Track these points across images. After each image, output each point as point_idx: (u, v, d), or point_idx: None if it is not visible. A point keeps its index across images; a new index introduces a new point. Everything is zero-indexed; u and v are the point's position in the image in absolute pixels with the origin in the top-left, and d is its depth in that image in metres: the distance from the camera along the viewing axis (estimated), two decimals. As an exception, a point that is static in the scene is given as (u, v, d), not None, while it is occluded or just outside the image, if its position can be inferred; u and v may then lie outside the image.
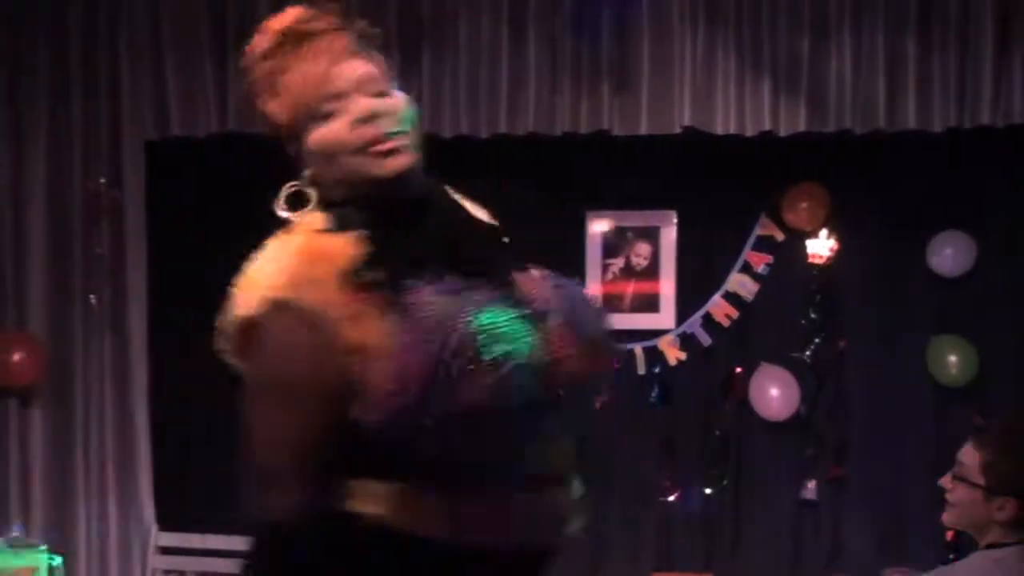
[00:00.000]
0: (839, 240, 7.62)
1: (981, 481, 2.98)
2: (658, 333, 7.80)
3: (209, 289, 8.90)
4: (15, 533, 6.60)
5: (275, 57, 2.40)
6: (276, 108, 2.45)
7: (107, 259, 6.84)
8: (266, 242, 2.60)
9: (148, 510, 6.85)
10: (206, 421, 8.08)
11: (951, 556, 4.31)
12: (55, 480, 6.82)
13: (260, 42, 2.44)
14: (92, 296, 6.82)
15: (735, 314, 7.78)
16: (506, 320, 2.12)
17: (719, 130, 6.49)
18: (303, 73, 2.36)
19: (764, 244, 7.79)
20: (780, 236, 7.76)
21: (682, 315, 7.80)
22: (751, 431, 7.83)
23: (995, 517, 2.96)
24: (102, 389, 6.87)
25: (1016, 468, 2.96)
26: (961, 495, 3.03)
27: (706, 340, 7.78)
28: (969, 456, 3.01)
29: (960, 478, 3.01)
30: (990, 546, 2.97)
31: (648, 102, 6.51)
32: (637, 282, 7.77)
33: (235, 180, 7.91)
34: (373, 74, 2.38)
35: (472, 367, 2.05)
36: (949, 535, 6.68)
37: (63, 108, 6.84)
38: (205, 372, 8.37)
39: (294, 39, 2.37)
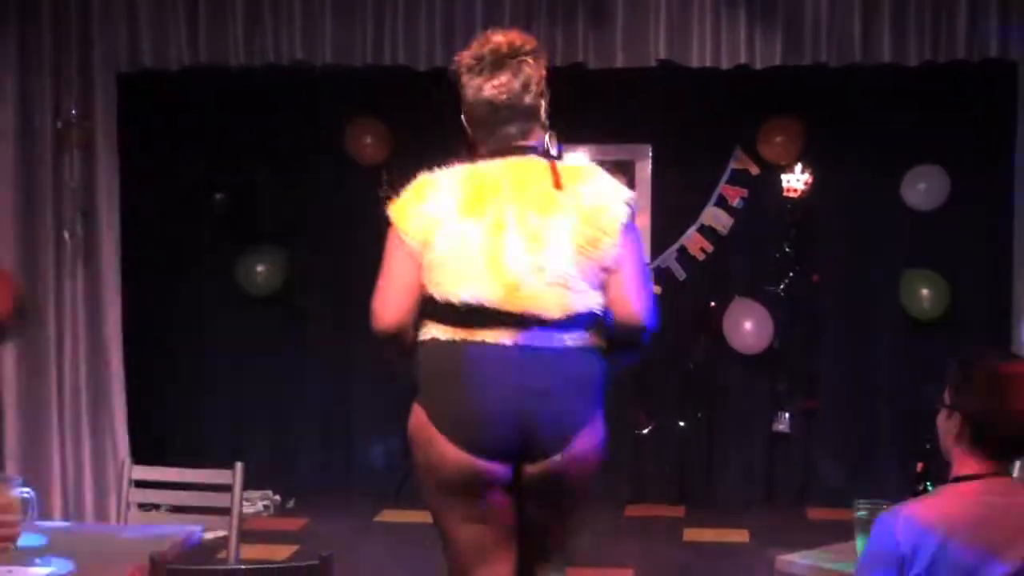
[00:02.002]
0: (814, 174, 7.63)
1: (947, 401, 3.02)
2: (633, 267, 7.81)
3: (181, 221, 8.90)
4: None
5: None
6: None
7: (78, 192, 6.80)
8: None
9: (122, 443, 6.86)
10: (179, 354, 8.09)
11: (920, 487, 4.33)
12: (29, 414, 6.81)
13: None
14: (65, 231, 6.78)
15: (710, 248, 7.80)
16: None
17: (695, 63, 6.45)
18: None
19: (739, 178, 7.80)
20: (755, 170, 7.77)
21: (657, 249, 7.82)
22: (725, 364, 7.87)
23: (950, 432, 2.99)
24: (75, 323, 6.84)
25: (968, 383, 2.99)
26: (938, 419, 3.07)
27: (681, 274, 7.80)
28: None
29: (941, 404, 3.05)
30: (957, 479, 2.99)
31: (623, 35, 6.46)
32: (612, 216, 7.77)
33: (206, 112, 7.88)
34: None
35: None
36: (919, 467, 6.73)
37: (33, 40, 6.75)
38: (178, 305, 8.41)
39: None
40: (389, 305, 3.65)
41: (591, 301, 3.51)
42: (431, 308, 3.54)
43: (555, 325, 3.46)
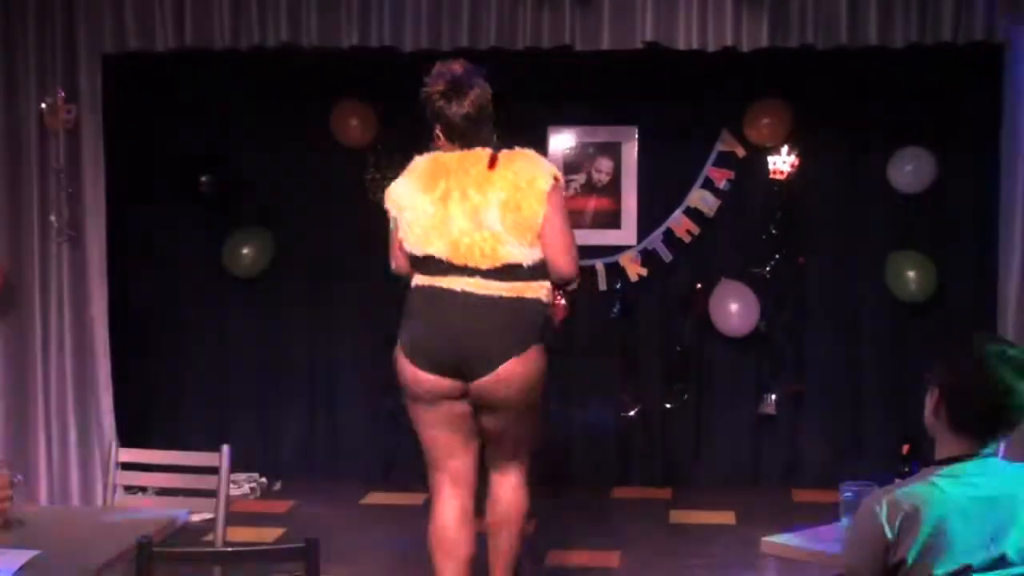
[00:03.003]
0: (800, 156, 7.63)
1: (931, 379, 3.03)
2: (619, 249, 7.82)
3: (167, 203, 8.87)
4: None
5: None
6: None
7: (64, 175, 6.78)
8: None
9: (108, 426, 6.85)
10: (165, 336, 8.08)
11: (905, 469, 4.36)
12: (15, 397, 6.80)
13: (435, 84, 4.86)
14: (51, 214, 6.76)
15: (696, 230, 7.80)
16: None
17: (681, 45, 6.44)
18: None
19: (725, 160, 7.79)
20: (741, 152, 7.76)
21: (643, 231, 7.82)
22: (711, 346, 7.88)
23: (931, 409, 3.00)
24: (61, 306, 6.83)
25: (947, 363, 3.01)
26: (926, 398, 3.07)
27: (667, 256, 7.80)
28: None
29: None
30: (940, 462, 3.00)
31: (610, 16, 6.46)
32: (598, 198, 7.77)
33: (191, 94, 7.85)
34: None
35: None
36: (904, 448, 6.75)
37: (17, 22, 6.73)
38: (164, 287, 8.40)
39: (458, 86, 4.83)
40: (393, 259, 4.94)
41: (520, 255, 4.70)
42: (412, 261, 4.83)
43: (490, 274, 4.69)
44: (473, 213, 4.69)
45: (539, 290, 4.75)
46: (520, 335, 4.72)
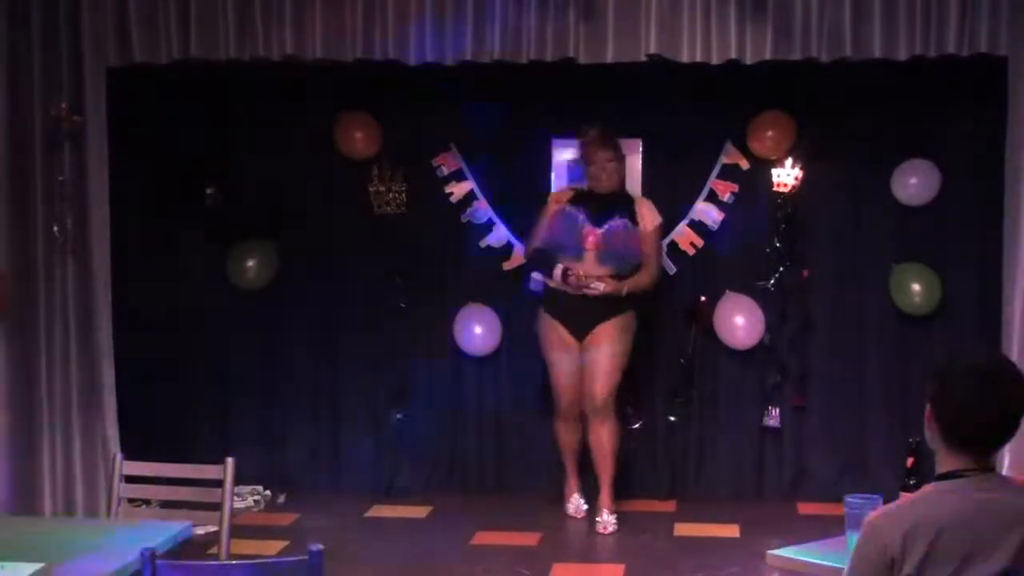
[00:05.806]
0: (804, 169, 7.63)
1: (928, 396, 3.03)
2: (623, 262, 7.80)
3: (172, 215, 8.84)
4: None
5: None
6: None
7: (69, 187, 6.77)
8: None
9: (112, 438, 6.84)
10: (169, 349, 8.07)
11: (910, 482, 4.36)
12: (19, 409, 6.79)
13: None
14: (55, 226, 6.76)
15: (700, 243, 7.80)
16: None
17: (685, 58, 6.45)
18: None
19: (729, 173, 7.79)
20: (745, 165, 7.76)
21: (648, 244, 7.80)
22: (715, 359, 7.87)
23: (929, 427, 3.00)
24: (65, 318, 6.82)
25: (940, 380, 3.00)
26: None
27: (671, 269, 7.80)
28: None
29: None
30: (942, 477, 2.99)
31: (614, 29, 6.46)
32: (602, 210, 7.75)
33: (196, 107, 7.86)
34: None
35: None
36: (909, 461, 6.75)
37: (23, 33, 6.73)
38: (168, 299, 8.37)
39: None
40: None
41: None
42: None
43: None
44: None
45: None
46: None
